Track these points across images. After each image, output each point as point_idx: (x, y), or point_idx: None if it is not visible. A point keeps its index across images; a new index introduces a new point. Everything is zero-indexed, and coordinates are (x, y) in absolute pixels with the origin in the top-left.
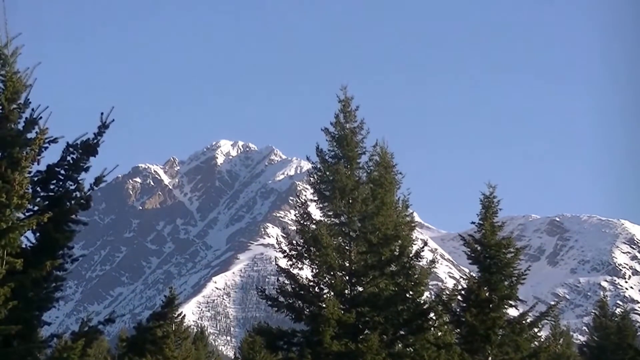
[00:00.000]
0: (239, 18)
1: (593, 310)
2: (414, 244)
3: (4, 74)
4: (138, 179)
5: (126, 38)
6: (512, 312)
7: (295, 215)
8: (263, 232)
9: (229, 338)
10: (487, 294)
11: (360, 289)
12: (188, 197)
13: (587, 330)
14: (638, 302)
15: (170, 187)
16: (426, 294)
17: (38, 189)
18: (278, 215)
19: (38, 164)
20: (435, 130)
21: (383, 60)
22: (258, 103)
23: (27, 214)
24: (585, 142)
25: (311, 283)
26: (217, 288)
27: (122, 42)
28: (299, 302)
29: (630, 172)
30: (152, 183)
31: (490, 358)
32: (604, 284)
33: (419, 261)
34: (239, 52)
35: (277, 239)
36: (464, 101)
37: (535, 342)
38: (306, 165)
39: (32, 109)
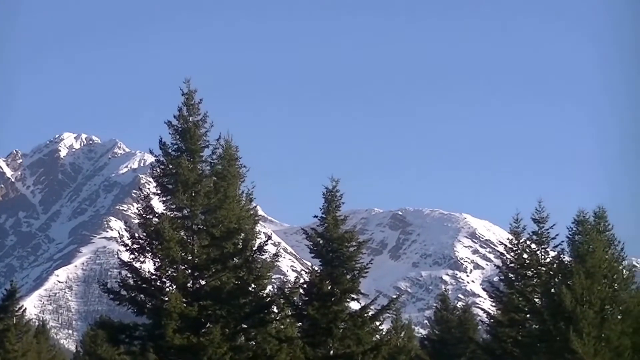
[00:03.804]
0: (78, 3)
1: (434, 304)
2: (257, 238)
3: None
4: None
5: None
6: (354, 306)
7: (138, 208)
8: (106, 226)
9: (70, 332)
10: (329, 288)
11: (203, 282)
12: (31, 190)
13: (428, 323)
14: (479, 296)
15: (13, 180)
16: (269, 287)
17: None
18: (121, 208)
19: None
20: (280, 121)
21: (225, 43)
22: (101, 95)
23: None
24: (427, 136)
25: (153, 276)
26: (59, 281)
27: None
28: (142, 295)
29: (471, 166)
30: None
31: (332, 351)
32: (446, 277)
33: (262, 255)
34: (80, 42)
35: (119, 232)
36: (309, 94)
37: (377, 336)
38: (150, 159)
39: None
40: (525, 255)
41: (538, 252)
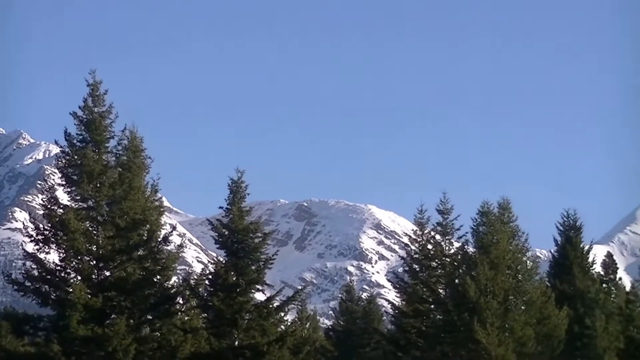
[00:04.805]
0: None
1: (340, 295)
2: (163, 229)
3: None
4: None
5: None
6: (260, 297)
7: (42, 199)
8: (10, 217)
9: None
10: (234, 279)
11: (108, 273)
12: None
13: (333, 314)
14: (384, 287)
15: None
16: (174, 278)
17: None
18: (26, 199)
19: None
20: (185, 111)
21: (127, 35)
22: (5, 85)
23: None
24: (328, 127)
25: (58, 267)
26: None
27: None
28: (46, 286)
29: (375, 158)
30: None
31: (237, 342)
32: (351, 268)
33: (167, 246)
34: None
35: (24, 223)
36: (215, 85)
37: (282, 326)
38: (55, 150)
39: None
40: (429, 246)
41: (442, 243)
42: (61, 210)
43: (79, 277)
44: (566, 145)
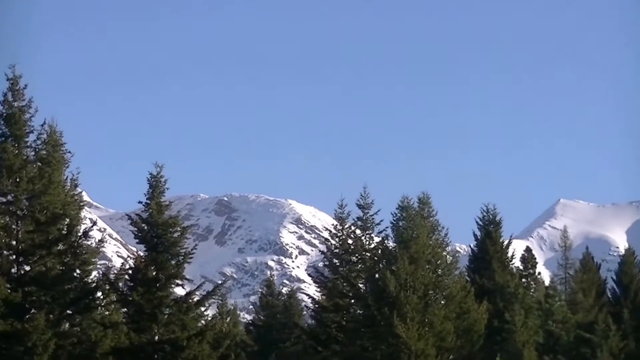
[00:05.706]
0: None
1: (260, 290)
2: (83, 223)
3: None
4: None
5: None
6: (179, 291)
7: None
8: None
9: None
10: (154, 273)
11: (28, 268)
12: None
13: (254, 309)
14: (304, 282)
15: None
16: (94, 273)
17: None
18: None
19: None
20: (104, 104)
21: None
22: None
23: None
24: (247, 121)
25: None
26: None
27: None
28: None
29: (296, 153)
30: None
31: (157, 337)
32: (271, 263)
33: (88, 240)
34: None
35: None
36: (135, 76)
37: (202, 321)
38: None
39: None
40: (349, 241)
41: (362, 237)
42: None
43: None
44: (487, 142)
